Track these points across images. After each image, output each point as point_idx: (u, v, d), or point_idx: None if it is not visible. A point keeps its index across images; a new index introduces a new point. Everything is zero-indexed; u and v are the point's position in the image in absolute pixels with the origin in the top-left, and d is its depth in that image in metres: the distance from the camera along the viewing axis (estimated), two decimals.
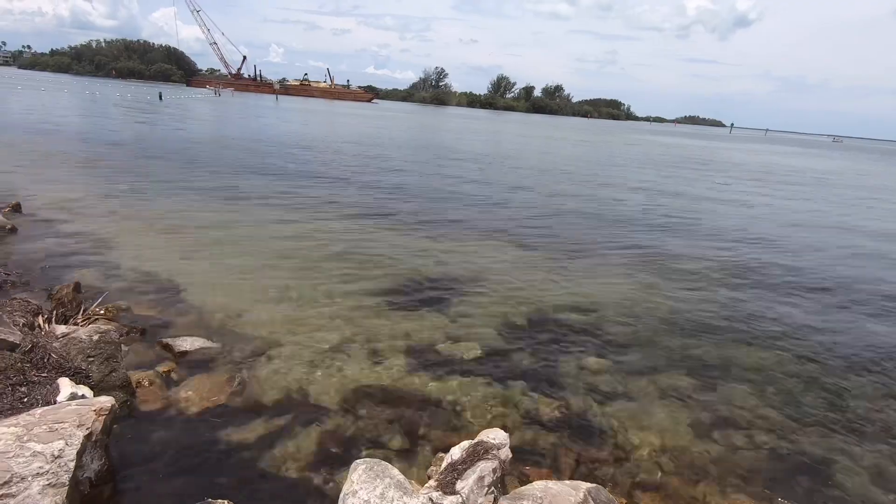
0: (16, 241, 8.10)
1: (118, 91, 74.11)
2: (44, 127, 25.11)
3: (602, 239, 11.91)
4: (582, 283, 8.65)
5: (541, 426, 4.68)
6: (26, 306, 5.29)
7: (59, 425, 3.20)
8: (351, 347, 5.72)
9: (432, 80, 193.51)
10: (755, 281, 9.67)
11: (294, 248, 9.08)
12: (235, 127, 36.03)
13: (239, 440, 4.08)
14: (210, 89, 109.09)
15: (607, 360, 6.01)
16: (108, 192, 12.04)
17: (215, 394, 4.61)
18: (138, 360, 5.02)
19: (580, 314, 7.31)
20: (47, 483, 2.91)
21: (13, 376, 3.72)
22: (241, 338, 5.68)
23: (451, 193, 16.20)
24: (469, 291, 7.77)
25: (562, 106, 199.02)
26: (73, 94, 57.90)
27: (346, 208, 12.74)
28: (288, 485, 3.71)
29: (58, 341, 4.46)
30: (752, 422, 5.07)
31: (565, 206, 15.63)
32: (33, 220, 9.30)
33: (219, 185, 14.38)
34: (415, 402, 4.87)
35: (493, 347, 6.08)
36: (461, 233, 11.31)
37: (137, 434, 4.00)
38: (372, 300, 7.11)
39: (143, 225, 9.69)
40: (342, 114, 68.03)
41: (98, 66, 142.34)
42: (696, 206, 17.93)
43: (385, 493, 2.97)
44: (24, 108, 34.62)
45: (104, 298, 6.02)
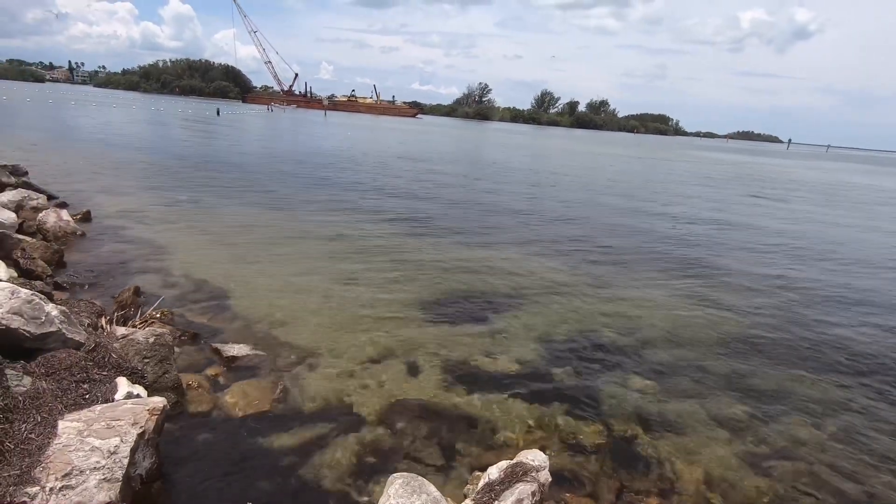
0: (85, 246, 8.70)
1: (180, 107, 78.94)
2: (113, 140, 27.03)
3: (649, 257, 11.54)
4: (627, 301, 8.38)
5: (581, 450, 4.53)
6: (91, 307, 5.65)
7: (115, 423, 3.37)
8: (390, 360, 5.76)
9: (476, 95, 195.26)
10: (817, 305, 9.07)
11: (337, 261, 9.29)
12: (285, 141, 37.53)
13: (280, 446, 4.16)
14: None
15: (653, 383, 5.77)
16: (167, 203, 12.76)
17: (259, 399, 4.74)
18: (189, 362, 5.24)
19: (624, 334, 7.07)
20: (103, 478, 3.06)
21: (78, 373, 3.96)
22: (285, 346, 5.83)
23: (493, 208, 16.17)
24: (509, 307, 7.69)
25: (607, 121, 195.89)
26: (140, 110, 62.12)
27: (389, 221, 12.95)
28: (325, 494, 3.74)
29: (118, 342, 4.72)
30: (812, 457, 4.72)
31: (610, 223, 15.27)
32: (100, 227, 9.97)
33: (268, 196, 14.97)
34: (452, 417, 4.83)
35: (532, 365, 5.97)
36: (503, 247, 11.24)
37: (186, 434, 4.16)
38: (412, 313, 7.15)
39: (198, 234, 10.19)
40: (386, 129, 69.61)
41: (163, 84, 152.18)
42: (749, 224, 17.10)
43: None
44: (96, 123, 37.42)
45: (160, 303, 6.34)
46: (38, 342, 4.20)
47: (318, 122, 71.55)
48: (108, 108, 61.88)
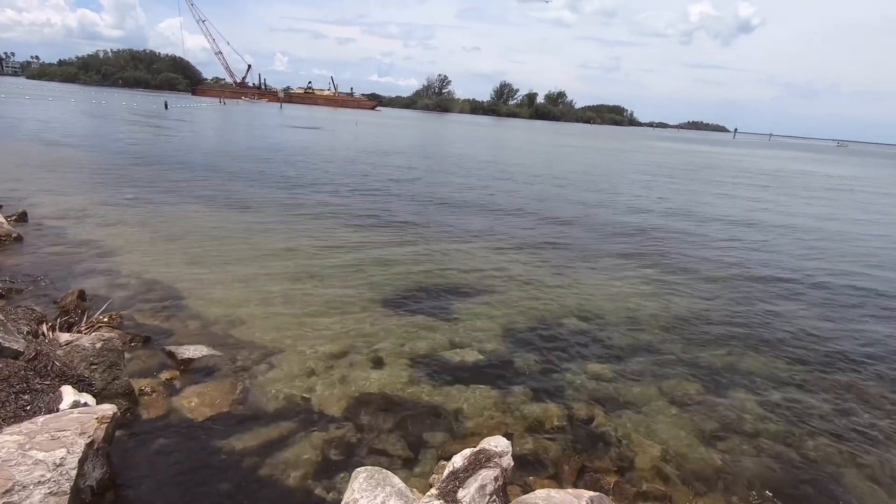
0: (21, 249, 8.16)
1: (124, 100, 74.86)
2: (50, 136, 25.37)
3: (606, 246, 11.89)
4: (586, 290, 8.62)
5: (544, 434, 4.65)
6: (31, 314, 5.31)
7: (61, 433, 3.20)
8: (353, 355, 5.72)
9: (435, 87, 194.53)
10: (764, 288, 9.61)
11: (296, 256, 9.11)
12: (237, 136, 36.30)
13: (241, 448, 4.07)
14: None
15: (612, 367, 5.98)
16: (112, 201, 12.13)
17: (218, 401, 4.61)
18: (141, 367, 5.03)
19: (584, 321, 7.28)
20: (49, 491, 2.91)
21: (16, 384, 3.73)
22: (244, 345, 5.68)
23: (454, 201, 16.23)
24: (472, 298, 7.76)
25: (565, 112, 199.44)
26: (79, 104, 58.51)
27: (348, 216, 12.79)
28: (289, 492, 3.70)
29: (61, 349, 4.47)
30: (759, 430, 5.02)
31: (568, 214, 15.62)
32: (39, 228, 9.38)
33: (220, 193, 14.47)
34: (417, 409, 4.85)
35: (495, 354, 6.06)
36: (463, 240, 11.32)
37: (140, 442, 4.00)
38: (373, 308, 7.11)
39: (146, 233, 9.75)
40: (344, 121, 68.40)
41: (105, 76, 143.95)
42: (701, 212, 17.88)
43: (386, 502, 2.95)
44: (30, 118, 34.99)
45: (108, 306, 6.05)
46: None
47: (273, 115, 69.48)
48: (44, 101, 57.95)
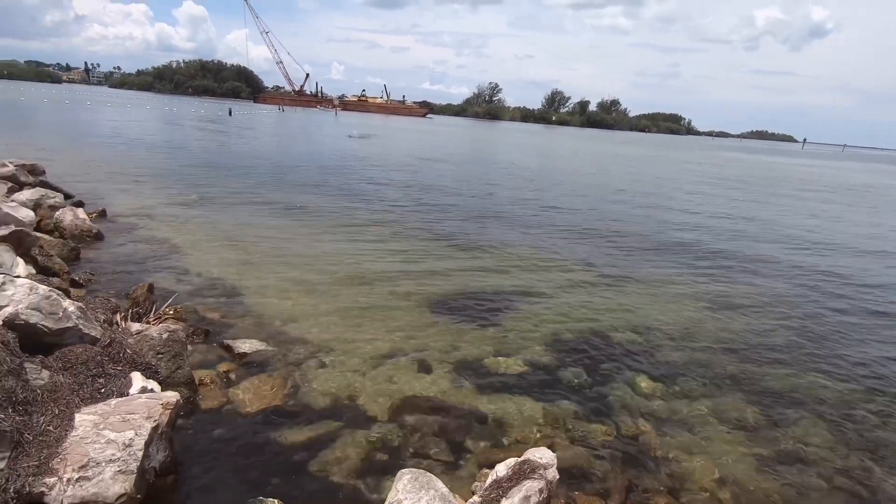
0: (100, 244, 8.85)
1: (193, 107, 79.82)
2: (127, 140, 27.43)
3: (662, 257, 11.46)
4: (637, 303, 8.33)
5: (590, 448, 4.52)
6: (106, 304, 5.75)
7: (130, 416, 3.44)
8: (400, 358, 5.80)
9: (486, 94, 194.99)
10: (835, 308, 8.95)
11: (346, 259, 9.35)
12: (296, 141, 37.81)
13: (290, 441, 4.21)
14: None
15: (663, 384, 5.74)
16: (180, 202, 12.93)
17: (270, 395, 4.80)
18: (201, 359, 5.32)
19: (634, 335, 7.04)
20: (118, 469, 3.13)
21: (93, 368, 4.04)
22: (295, 343, 5.89)
23: (502, 208, 16.16)
24: (518, 308, 7.69)
25: (618, 120, 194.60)
26: (153, 110, 62.92)
27: (396, 221, 13.00)
28: (334, 488, 3.78)
29: (132, 338, 4.80)
30: (827, 461, 4.66)
31: (622, 223, 15.18)
32: (115, 225, 10.13)
33: (277, 196, 15.10)
34: (460, 415, 4.84)
35: (541, 365, 5.97)
36: (511, 248, 11.24)
37: (198, 429, 4.23)
38: (422, 312, 7.19)
39: (209, 233, 10.32)
40: (396, 128, 69.75)
41: (177, 85, 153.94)
42: (765, 224, 16.90)
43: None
44: (111, 124, 37.98)
45: (173, 300, 6.44)
46: (55, 337, 4.29)
47: (329, 122, 71.90)
48: (123, 108, 62.75)
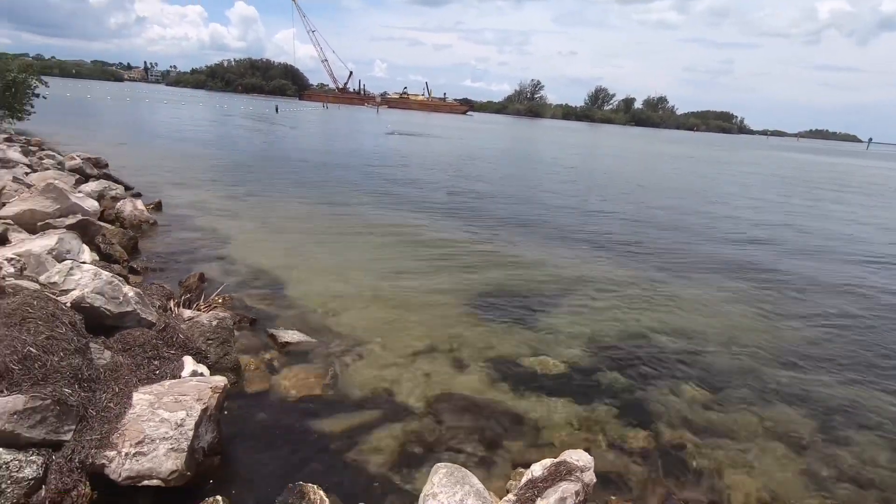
0: (156, 234, 9.34)
1: (242, 104, 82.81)
2: (182, 136, 28.78)
3: (707, 260, 11.03)
4: (683, 306, 8.06)
5: (627, 454, 4.42)
6: (161, 291, 6.07)
7: (182, 397, 3.62)
8: (436, 353, 5.84)
9: (527, 92, 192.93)
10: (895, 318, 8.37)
11: (388, 254, 9.49)
12: (338, 138, 38.59)
13: (329, 430, 4.33)
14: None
15: (708, 392, 5.54)
16: (229, 195, 13.47)
17: (310, 384, 4.95)
18: (247, 346, 5.53)
19: (679, 339, 6.82)
20: (171, 447, 3.30)
21: (150, 350, 4.28)
22: (336, 334, 6.03)
23: (542, 206, 15.96)
24: (556, 307, 7.59)
25: (665, 118, 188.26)
26: (206, 107, 65.70)
27: (439, 217, 13.07)
28: (371, 478, 3.86)
29: (184, 323, 5.05)
30: (887, 483, 4.38)
31: (666, 224, 14.70)
32: (170, 216, 10.66)
33: (321, 191, 15.47)
34: (496, 413, 4.84)
35: (579, 366, 5.88)
36: (550, 247, 11.09)
37: (243, 413, 4.41)
38: (459, 308, 7.21)
39: (256, 225, 10.70)
40: (436, 126, 70.04)
41: (227, 83, 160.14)
42: (821, 229, 15.97)
43: (464, 501, 2.99)
44: (167, 120, 39.95)
45: (222, 289, 6.72)
46: (116, 320, 4.57)
47: (371, 119, 72.99)
48: (178, 105, 65.82)
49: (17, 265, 5.03)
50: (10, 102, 21.62)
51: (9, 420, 2.89)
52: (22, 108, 22.37)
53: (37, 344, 3.35)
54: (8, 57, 24.16)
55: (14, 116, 22.00)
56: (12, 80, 21.56)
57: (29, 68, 24.16)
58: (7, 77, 21.31)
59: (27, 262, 5.13)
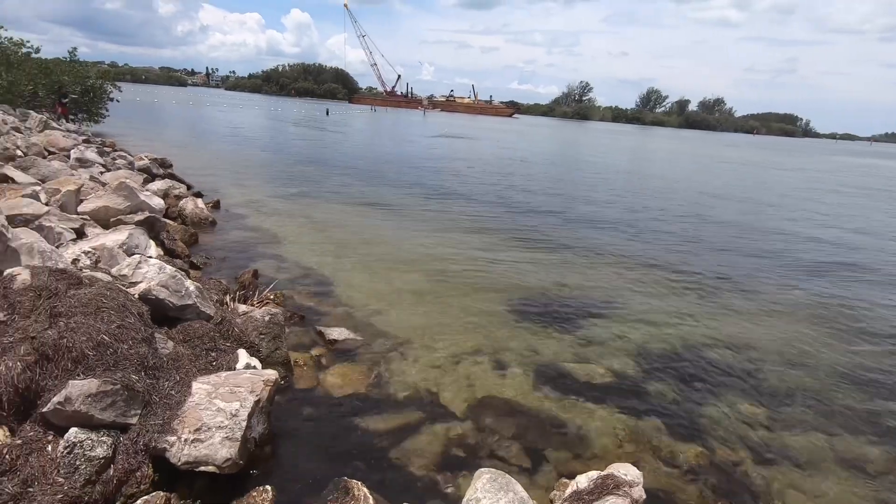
0: (214, 231, 9.82)
1: (295, 108, 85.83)
2: (239, 138, 30.15)
3: (768, 270, 10.44)
4: (738, 318, 7.67)
5: (678, 471, 4.24)
6: (219, 286, 6.36)
7: (237, 389, 3.77)
8: (479, 357, 5.82)
9: (576, 94, 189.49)
10: None
11: (431, 256, 9.55)
12: (386, 140, 39.27)
13: (373, 428, 4.40)
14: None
15: (766, 410, 5.23)
16: (282, 195, 13.98)
17: (356, 382, 5.05)
18: (296, 342, 5.71)
19: (734, 353, 6.48)
20: (226, 436, 3.44)
21: (207, 342, 4.49)
22: (381, 334, 6.13)
23: (589, 211, 15.61)
24: (603, 314, 7.39)
25: (721, 121, 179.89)
26: (261, 111, 68.55)
27: (484, 221, 13.04)
28: (413, 478, 3.89)
29: (239, 318, 5.27)
30: None
31: (723, 233, 14.03)
32: (227, 215, 11.19)
33: (368, 192, 15.78)
34: (539, 420, 4.77)
35: (626, 376, 5.70)
36: (597, 252, 10.83)
37: (292, 407, 4.55)
38: (502, 312, 7.16)
39: (306, 225, 11.05)
40: (482, 128, 69.99)
41: (281, 87, 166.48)
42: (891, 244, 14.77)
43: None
44: (225, 123, 41.98)
45: (274, 285, 6.97)
46: (178, 312, 4.82)
47: (417, 122, 73.84)
48: (236, 108, 69.04)
49: (93, 258, 5.42)
50: (88, 106, 23.41)
51: (83, 402, 3.11)
52: (98, 112, 24.18)
53: (109, 332, 3.59)
54: (87, 64, 26.16)
55: (91, 119, 23.80)
56: (90, 85, 23.35)
57: (105, 75, 26.10)
58: (86, 83, 23.09)
59: (101, 255, 5.52)
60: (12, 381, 3.10)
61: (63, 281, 4.01)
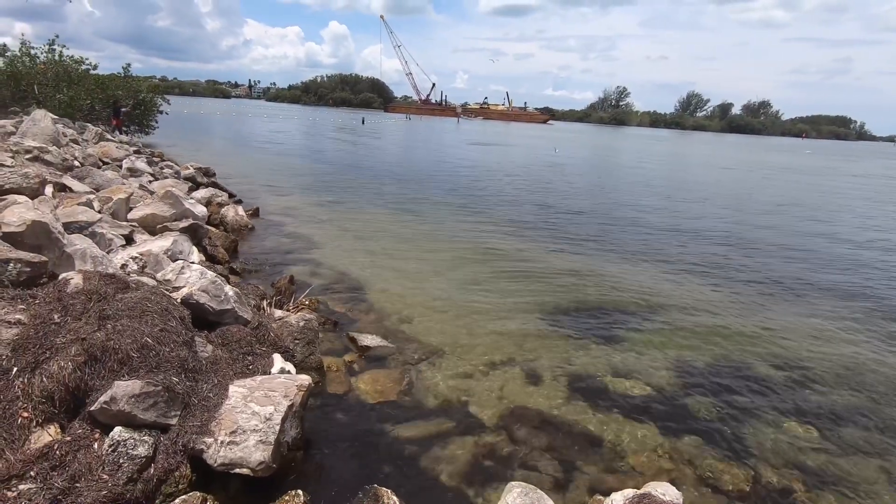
0: (253, 238, 10.13)
1: (332, 117, 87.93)
2: (278, 147, 31.10)
3: (818, 283, 9.89)
4: (786, 333, 7.28)
5: (721, 493, 4.04)
6: (256, 291, 6.54)
7: (271, 393, 3.85)
8: (510, 366, 5.75)
9: (612, 99, 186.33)
10: None
11: (465, 264, 9.53)
12: (419, 148, 39.64)
13: (404, 435, 4.40)
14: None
15: (818, 432, 4.93)
16: (318, 203, 14.29)
17: (387, 388, 5.07)
18: (329, 347, 5.79)
19: (781, 369, 6.15)
20: (259, 439, 3.51)
21: (244, 346, 4.61)
22: (412, 342, 6.14)
23: (628, 220, 15.24)
24: (641, 325, 7.17)
25: (767, 124, 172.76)
26: (300, 121, 70.56)
27: (516, 228, 12.94)
28: (443, 489, 3.86)
29: (275, 323, 5.40)
30: None
31: (769, 242, 13.42)
32: (265, 222, 11.52)
33: (402, 199, 15.94)
34: (572, 433, 4.65)
35: (665, 391, 5.49)
36: (634, 261, 10.54)
37: (324, 412, 4.61)
38: (535, 321, 7.05)
39: (341, 232, 11.24)
40: (516, 135, 69.71)
41: (319, 97, 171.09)
42: None
43: None
44: (265, 133, 43.41)
45: (309, 291, 7.11)
46: (217, 317, 4.98)
47: (451, 130, 74.24)
48: (276, 119, 71.33)
49: (140, 263, 5.67)
50: (140, 119, 24.72)
51: (127, 402, 3.24)
52: (149, 124, 25.48)
53: (152, 335, 3.74)
54: (139, 79, 27.66)
55: (142, 131, 25.10)
56: (142, 99, 24.66)
57: (156, 89, 27.53)
58: (138, 97, 24.40)
59: (147, 260, 5.77)
60: (64, 380, 3.26)
61: (112, 285, 4.21)
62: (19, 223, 4.44)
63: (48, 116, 11.45)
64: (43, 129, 10.67)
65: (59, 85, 20.60)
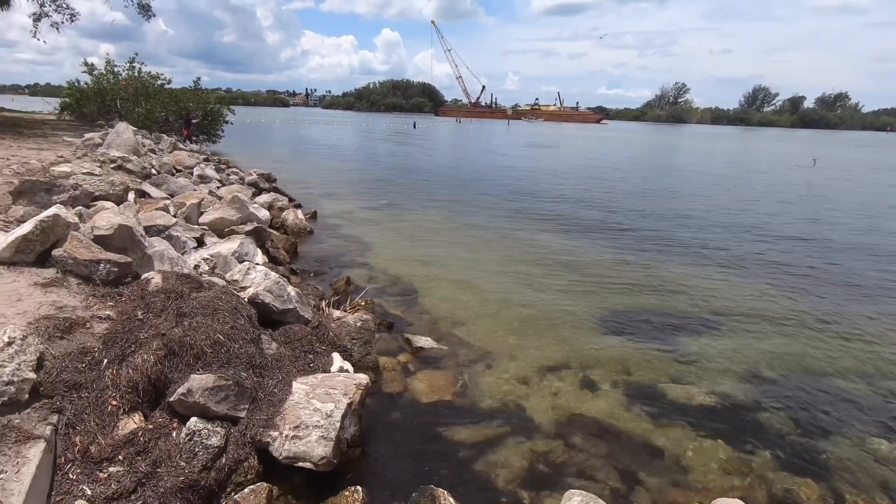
0: (312, 241, 10.52)
1: (384, 123, 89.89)
2: (334, 152, 32.17)
3: None
4: (869, 344, 6.69)
5: None
6: (315, 291, 6.80)
7: (331, 390, 3.98)
8: (565, 371, 5.63)
9: (670, 96, 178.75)
10: None
11: (518, 266, 9.45)
12: (470, 151, 39.73)
13: (459, 437, 4.41)
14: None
15: None
16: (372, 206, 14.65)
17: (442, 389, 5.11)
18: (385, 348, 5.91)
19: (864, 384, 5.66)
20: (321, 435, 3.64)
21: (306, 345, 4.80)
22: (466, 344, 6.16)
23: (690, 221, 14.55)
24: (705, 331, 6.83)
25: (845, 118, 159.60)
26: (353, 126, 72.65)
27: (571, 230, 12.69)
28: (498, 492, 3.84)
29: (334, 322, 5.58)
30: None
31: (848, 243, 12.40)
32: (323, 225, 11.94)
33: (454, 203, 16.02)
34: (631, 442, 4.50)
35: (732, 401, 5.20)
36: (698, 265, 10.04)
37: (381, 411, 4.71)
38: (591, 325, 6.88)
39: (395, 235, 11.46)
40: (568, 135, 68.36)
41: (372, 103, 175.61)
42: None
43: None
44: (321, 139, 45.01)
45: (365, 293, 7.30)
46: (280, 316, 5.21)
47: (501, 132, 73.91)
48: (331, 125, 73.80)
49: (210, 264, 6.04)
50: (208, 129, 26.36)
51: (202, 395, 3.46)
52: (216, 133, 27.12)
53: (223, 332, 3.97)
54: (208, 91, 29.48)
55: (210, 140, 26.73)
56: (210, 110, 26.29)
57: (222, 100, 29.27)
58: (207, 108, 26.04)
59: (217, 261, 6.13)
60: (147, 371, 3.52)
61: (187, 284, 4.51)
62: (108, 227, 4.85)
63: (130, 128, 12.43)
64: (125, 140, 11.60)
65: (138, 99, 22.38)
